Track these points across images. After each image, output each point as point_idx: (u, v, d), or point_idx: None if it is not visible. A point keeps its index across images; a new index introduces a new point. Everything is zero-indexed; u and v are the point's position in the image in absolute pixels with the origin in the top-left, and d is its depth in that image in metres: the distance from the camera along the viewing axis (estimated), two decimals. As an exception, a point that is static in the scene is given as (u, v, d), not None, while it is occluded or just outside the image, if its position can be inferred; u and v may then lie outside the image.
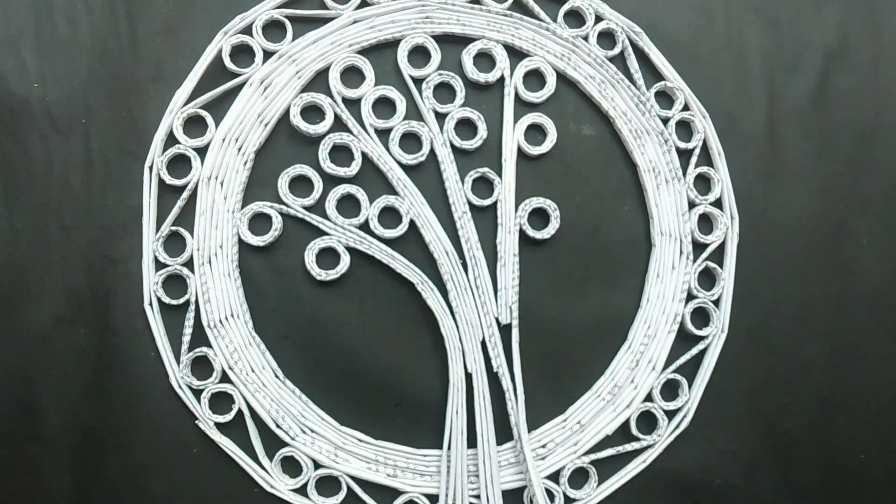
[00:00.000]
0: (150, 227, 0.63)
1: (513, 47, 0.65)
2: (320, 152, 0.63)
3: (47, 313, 0.63)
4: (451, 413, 0.63)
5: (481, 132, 0.64)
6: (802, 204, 0.69)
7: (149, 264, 0.63)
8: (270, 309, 0.64)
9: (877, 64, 0.70)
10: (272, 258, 0.64)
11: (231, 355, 0.63)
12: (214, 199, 0.63)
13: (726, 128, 0.67)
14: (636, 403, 0.65)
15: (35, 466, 0.63)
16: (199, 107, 0.63)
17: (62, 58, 0.64)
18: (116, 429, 0.63)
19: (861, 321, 0.69)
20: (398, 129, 0.64)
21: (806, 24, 0.69)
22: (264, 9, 0.63)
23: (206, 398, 0.63)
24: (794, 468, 0.67)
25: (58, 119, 0.63)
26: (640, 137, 0.66)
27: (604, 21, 0.66)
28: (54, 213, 0.63)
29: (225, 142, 0.63)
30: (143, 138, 0.63)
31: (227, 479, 0.63)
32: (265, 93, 0.63)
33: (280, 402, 0.63)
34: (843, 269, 0.69)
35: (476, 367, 0.64)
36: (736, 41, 0.69)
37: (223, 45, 0.63)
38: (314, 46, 0.64)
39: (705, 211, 0.66)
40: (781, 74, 0.69)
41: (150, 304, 0.63)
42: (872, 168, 0.69)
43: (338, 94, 0.64)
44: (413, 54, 0.65)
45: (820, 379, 0.68)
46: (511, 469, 0.64)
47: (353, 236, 0.63)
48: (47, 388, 0.63)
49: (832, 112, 0.69)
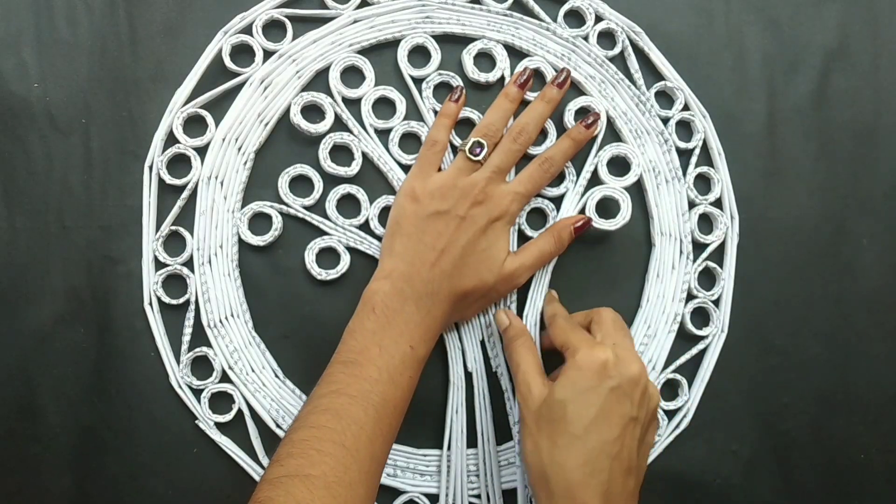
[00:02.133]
0: (150, 227, 0.63)
1: (513, 47, 0.65)
2: (320, 152, 0.63)
3: (47, 313, 0.63)
4: (451, 412, 0.63)
5: (481, 132, 0.64)
6: (802, 204, 0.69)
7: (149, 264, 0.63)
8: (270, 308, 0.64)
9: (877, 64, 0.70)
10: (272, 258, 0.64)
11: (231, 355, 0.63)
12: (214, 198, 0.63)
13: (726, 128, 0.67)
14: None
15: (35, 466, 0.63)
16: (200, 106, 0.63)
17: (62, 58, 0.64)
18: (116, 429, 0.63)
19: (861, 321, 0.69)
20: (398, 129, 0.64)
21: (806, 24, 0.69)
22: (264, 8, 0.63)
23: (206, 398, 0.63)
24: (794, 468, 0.67)
25: (58, 119, 0.63)
26: (640, 137, 0.66)
27: (604, 21, 0.66)
28: (54, 213, 0.63)
29: (225, 141, 0.63)
30: (143, 138, 0.63)
31: (227, 479, 0.64)
32: (265, 92, 0.63)
33: (280, 401, 0.63)
34: (843, 269, 0.69)
35: (476, 366, 0.64)
36: (736, 41, 0.69)
37: (223, 45, 0.63)
38: (314, 46, 0.64)
39: (705, 211, 0.66)
40: (781, 74, 0.69)
41: (149, 303, 0.63)
42: (872, 168, 0.69)
43: (338, 94, 0.64)
44: (413, 54, 0.65)
45: (820, 379, 0.68)
46: (512, 468, 0.64)
47: (354, 236, 0.64)
48: (47, 388, 0.63)
49: (832, 112, 0.69)
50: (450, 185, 0.59)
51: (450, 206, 0.59)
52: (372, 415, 0.52)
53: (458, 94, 0.63)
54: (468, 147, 0.61)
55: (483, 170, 0.60)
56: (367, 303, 0.58)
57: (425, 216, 0.59)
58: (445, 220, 0.58)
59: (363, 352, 0.55)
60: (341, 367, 0.55)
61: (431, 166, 0.61)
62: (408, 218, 0.59)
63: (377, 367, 0.54)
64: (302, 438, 0.50)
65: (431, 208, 0.59)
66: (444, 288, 0.58)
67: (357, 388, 0.53)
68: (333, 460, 0.49)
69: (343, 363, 0.55)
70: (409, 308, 0.57)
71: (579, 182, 0.65)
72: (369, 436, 0.51)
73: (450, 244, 0.58)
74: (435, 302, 0.58)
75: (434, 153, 0.62)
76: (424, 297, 0.57)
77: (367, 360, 0.54)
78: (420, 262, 0.58)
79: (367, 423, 0.52)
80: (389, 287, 0.57)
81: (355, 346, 0.56)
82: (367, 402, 0.52)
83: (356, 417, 0.51)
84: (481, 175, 0.60)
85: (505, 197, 0.60)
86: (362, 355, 0.55)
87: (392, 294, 0.57)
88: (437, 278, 0.58)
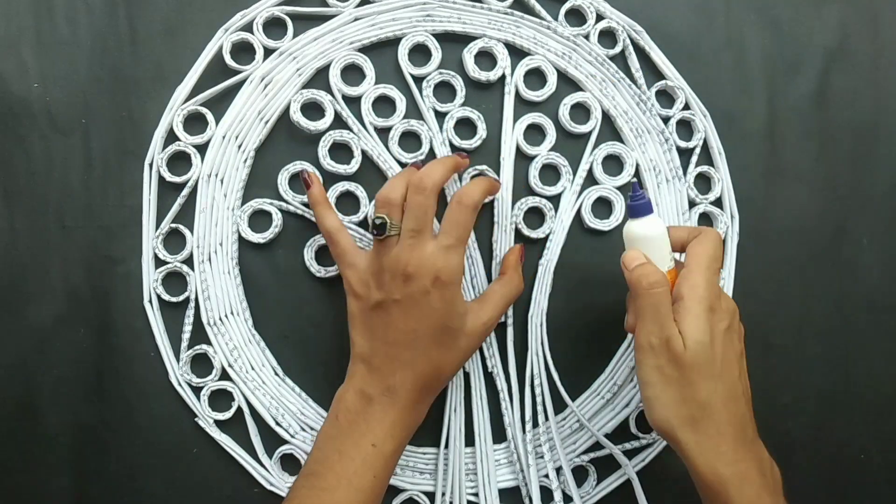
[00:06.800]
0: (150, 224, 0.63)
1: (514, 46, 0.65)
2: (320, 150, 0.63)
3: (47, 313, 0.63)
4: (448, 411, 0.63)
5: (481, 132, 0.64)
6: (802, 204, 0.69)
7: (148, 261, 0.63)
8: (270, 306, 0.64)
9: (877, 64, 0.70)
10: (272, 255, 0.64)
11: (231, 353, 0.63)
12: (214, 196, 0.63)
13: (726, 127, 0.67)
14: (635, 402, 0.65)
15: (35, 466, 0.63)
16: (200, 104, 0.63)
17: (62, 58, 0.64)
18: (116, 428, 0.63)
19: (861, 321, 0.69)
20: (398, 127, 0.64)
21: (806, 24, 0.69)
22: (265, 6, 0.63)
23: (206, 396, 0.63)
24: (794, 468, 0.67)
25: (58, 119, 0.63)
26: (640, 136, 0.66)
27: (605, 20, 0.66)
28: (54, 213, 0.63)
29: (225, 139, 0.63)
30: (143, 138, 0.63)
31: (227, 478, 0.63)
32: (265, 90, 0.63)
33: (279, 399, 0.63)
34: (843, 269, 0.69)
35: (473, 366, 0.64)
36: (736, 41, 0.69)
37: (223, 43, 0.63)
38: (315, 44, 0.64)
39: (705, 210, 0.66)
40: (781, 74, 0.69)
41: (149, 300, 0.63)
42: (872, 168, 0.69)
43: (338, 92, 0.64)
44: (414, 52, 0.65)
45: (820, 379, 0.68)
46: (509, 468, 0.64)
47: (353, 233, 0.63)
48: (47, 388, 0.63)
49: (832, 112, 0.69)
50: (375, 268, 0.57)
51: (384, 294, 0.56)
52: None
53: (307, 178, 0.61)
54: (370, 229, 0.58)
55: (402, 239, 0.56)
56: (333, 409, 0.58)
57: (368, 310, 0.57)
58: (386, 309, 0.56)
59: (324, 461, 0.55)
60: (303, 481, 0.55)
61: (349, 255, 0.59)
62: (355, 316, 0.58)
63: (336, 474, 0.54)
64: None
65: (371, 301, 0.57)
66: (408, 379, 0.56)
67: (315, 502, 0.53)
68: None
69: (305, 476, 0.55)
70: (372, 408, 0.56)
71: (575, 181, 0.65)
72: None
73: (399, 334, 0.56)
74: (399, 394, 0.56)
75: (337, 244, 0.59)
76: (386, 393, 0.56)
77: (327, 468, 0.55)
78: (379, 359, 0.57)
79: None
80: (354, 391, 0.57)
81: (318, 455, 0.56)
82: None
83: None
84: (400, 247, 0.56)
85: (433, 258, 0.55)
86: (322, 465, 0.55)
87: (355, 397, 0.57)
88: (398, 371, 0.56)
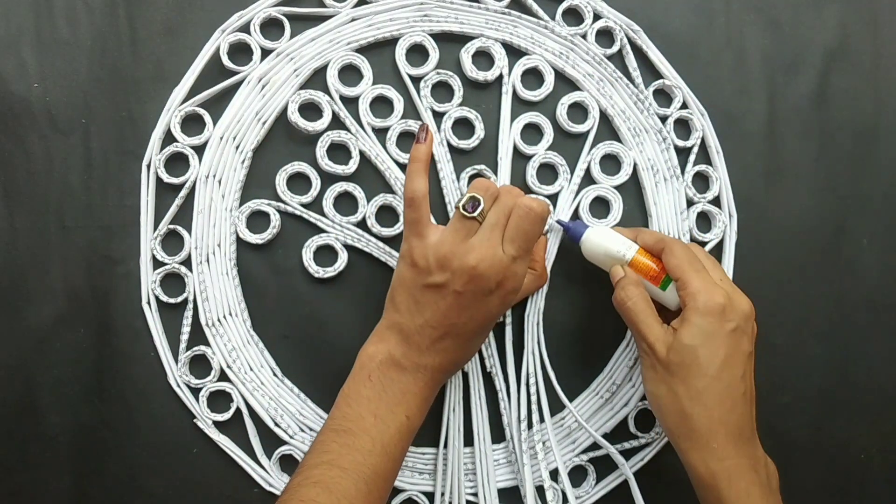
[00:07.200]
0: (149, 226, 0.63)
1: (511, 45, 0.65)
2: (318, 150, 0.63)
3: (47, 313, 0.63)
4: (447, 411, 0.63)
5: (478, 131, 0.64)
6: (802, 204, 0.68)
7: (147, 263, 0.63)
8: (268, 307, 0.64)
9: (877, 64, 0.70)
10: (270, 256, 0.64)
11: (229, 354, 0.63)
12: (212, 197, 0.63)
13: (726, 127, 0.67)
14: (634, 401, 0.65)
15: (35, 466, 0.63)
16: (197, 105, 0.63)
17: (62, 58, 0.64)
18: (116, 428, 0.63)
19: (861, 321, 0.69)
20: (396, 127, 0.64)
21: (806, 24, 0.69)
22: (262, 7, 0.63)
23: (205, 397, 0.63)
24: (794, 468, 0.67)
25: (58, 119, 0.64)
26: (638, 135, 0.66)
27: (602, 19, 0.66)
28: (54, 213, 0.63)
29: (223, 140, 0.63)
30: (142, 138, 0.64)
31: (227, 478, 0.64)
32: (263, 91, 0.63)
33: (278, 400, 0.64)
34: (843, 269, 0.69)
35: (472, 366, 0.64)
36: (736, 41, 0.68)
37: (221, 44, 0.63)
38: (312, 44, 0.64)
39: (704, 209, 0.66)
40: (781, 74, 0.69)
41: (147, 302, 0.63)
42: (872, 168, 0.69)
43: (336, 93, 0.64)
44: (411, 53, 0.65)
45: (820, 379, 0.68)
46: (508, 467, 0.64)
47: (351, 234, 0.64)
48: (47, 388, 0.63)
49: (832, 112, 0.69)
50: (444, 250, 0.55)
51: (445, 279, 0.55)
52: (363, 489, 0.51)
53: (423, 133, 0.59)
54: (462, 203, 0.56)
55: (481, 230, 0.55)
56: (363, 368, 0.56)
57: (422, 285, 0.55)
58: (441, 294, 0.55)
59: (357, 420, 0.54)
60: (334, 436, 0.53)
61: (421, 224, 0.56)
62: (405, 284, 0.56)
63: (371, 437, 0.53)
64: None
65: (429, 279, 0.55)
66: (442, 365, 0.56)
67: (349, 461, 0.52)
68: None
69: (336, 431, 0.54)
70: (406, 378, 0.55)
71: (573, 180, 0.65)
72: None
73: (449, 323, 0.55)
74: (432, 374, 0.56)
75: (415, 210, 0.56)
76: (421, 370, 0.56)
77: (361, 429, 0.53)
78: (418, 336, 0.56)
79: (357, 498, 0.51)
80: (385, 355, 0.56)
81: (350, 413, 0.54)
82: (358, 475, 0.51)
83: (347, 492, 0.50)
84: (478, 239, 0.55)
85: (503, 264, 0.55)
86: (356, 424, 0.54)
87: (388, 363, 0.56)
88: (436, 355, 0.56)
